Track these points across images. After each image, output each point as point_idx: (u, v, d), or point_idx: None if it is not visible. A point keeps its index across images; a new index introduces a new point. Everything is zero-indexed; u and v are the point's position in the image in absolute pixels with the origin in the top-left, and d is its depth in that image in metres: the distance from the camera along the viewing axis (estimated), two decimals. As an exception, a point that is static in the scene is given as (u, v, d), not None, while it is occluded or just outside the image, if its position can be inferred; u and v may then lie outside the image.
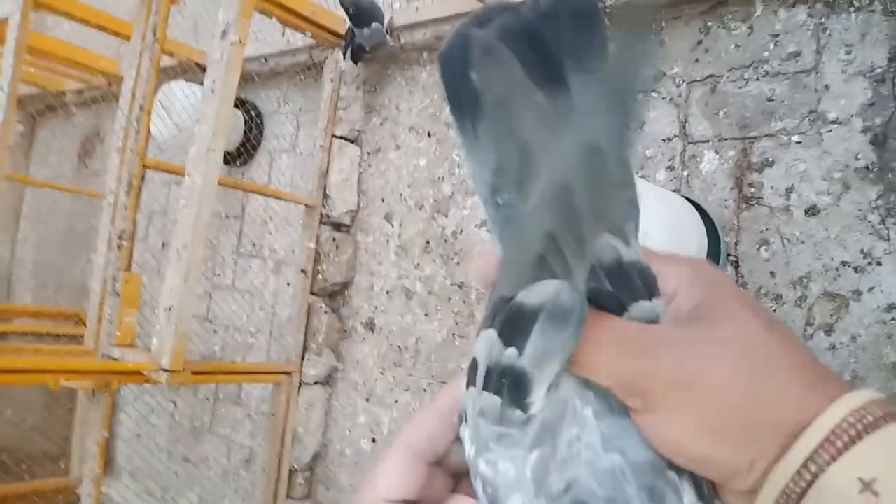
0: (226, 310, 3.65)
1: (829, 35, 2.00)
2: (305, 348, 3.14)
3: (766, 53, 2.11)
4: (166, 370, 2.43)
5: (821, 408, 0.30)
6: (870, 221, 1.94)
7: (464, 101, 0.40)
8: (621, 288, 0.33)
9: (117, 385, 2.61)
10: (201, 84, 3.57)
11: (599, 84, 0.38)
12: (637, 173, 2.31)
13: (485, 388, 0.32)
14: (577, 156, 0.33)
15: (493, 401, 0.32)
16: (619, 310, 0.33)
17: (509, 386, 0.31)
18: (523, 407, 0.31)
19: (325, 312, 3.15)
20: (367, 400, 3.07)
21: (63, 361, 2.52)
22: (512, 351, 0.31)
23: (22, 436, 4.35)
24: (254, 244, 3.66)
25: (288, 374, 3.05)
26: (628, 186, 0.37)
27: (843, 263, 1.97)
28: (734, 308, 0.33)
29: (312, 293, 3.18)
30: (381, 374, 3.04)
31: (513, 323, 0.31)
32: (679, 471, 0.31)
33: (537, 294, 0.31)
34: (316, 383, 3.12)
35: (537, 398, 0.32)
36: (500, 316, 0.32)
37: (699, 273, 0.35)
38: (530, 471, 0.31)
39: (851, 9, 1.96)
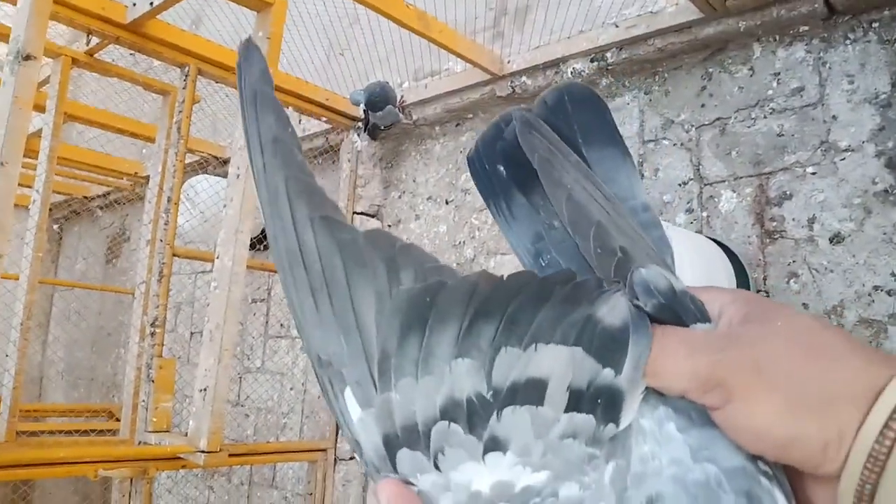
0: (258, 391, 3.64)
1: (830, 68, 2.07)
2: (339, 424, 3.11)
3: (770, 91, 2.18)
4: (204, 452, 2.42)
5: (889, 375, 0.31)
6: (896, 243, 1.95)
7: (497, 189, 0.49)
8: (678, 309, 0.36)
9: (155, 472, 2.59)
10: (221, 176, 3.72)
11: (609, 153, 0.48)
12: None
13: (571, 409, 0.32)
14: (607, 203, 0.43)
15: (587, 421, 0.32)
16: (679, 326, 0.36)
17: (604, 405, 0.32)
18: (617, 422, 0.32)
19: (357, 386, 3.14)
20: (406, 472, 3.01)
21: (102, 450, 2.52)
22: (609, 372, 0.32)
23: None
24: (281, 324, 3.69)
25: (323, 450, 3.01)
26: (657, 226, 0.46)
27: (876, 288, 1.97)
28: (781, 309, 0.36)
29: (343, 368, 3.18)
30: (418, 444, 3.00)
31: (605, 342, 0.33)
32: (770, 478, 0.32)
33: (615, 311, 0.34)
34: (352, 458, 3.07)
35: (630, 413, 0.33)
36: (572, 332, 0.32)
37: (739, 293, 0.39)
38: (609, 480, 0.32)
39: (847, 41, 2.04)
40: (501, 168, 0.48)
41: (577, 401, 0.32)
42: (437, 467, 0.32)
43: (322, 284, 0.36)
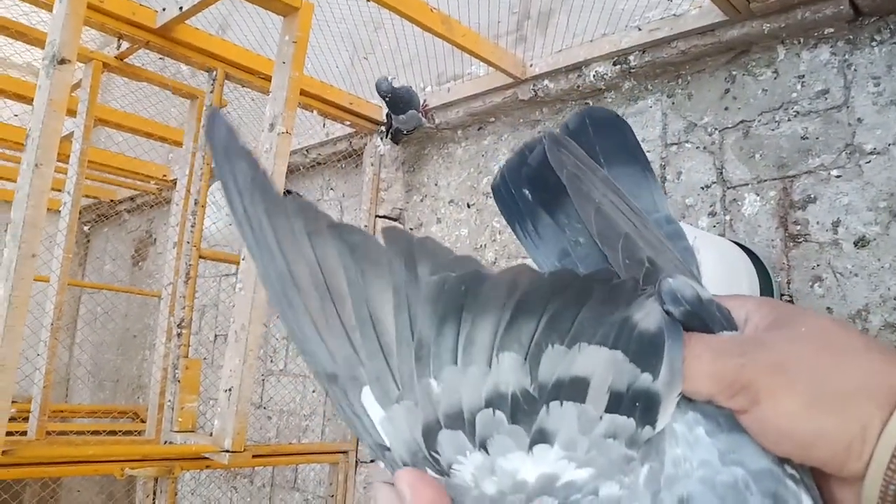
0: (280, 393, 3.68)
1: (855, 70, 2.06)
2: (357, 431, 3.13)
3: (795, 94, 2.17)
4: (229, 451, 2.45)
5: None
6: (923, 247, 1.93)
7: (523, 211, 0.51)
8: (705, 316, 0.37)
9: (180, 471, 2.62)
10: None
11: (631, 170, 0.50)
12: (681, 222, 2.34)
13: (611, 410, 0.33)
14: (634, 215, 0.44)
15: (627, 423, 0.33)
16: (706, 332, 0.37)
17: (642, 409, 0.33)
18: (653, 425, 0.33)
19: (379, 388, 3.16)
20: (426, 475, 3.02)
21: (128, 449, 2.57)
22: (647, 376, 0.33)
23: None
24: (304, 327, 3.73)
25: (345, 452, 3.04)
26: (681, 237, 0.47)
27: (902, 292, 1.95)
28: (805, 314, 0.37)
29: (365, 370, 3.20)
30: (439, 446, 3.01)
31: (642, 347, 0.34)
32: (796, 481, 0.33)
33: (650, 316, 0.35)
34: (373, 461, 3.09)
35: (665, 416, 0.34)
36: (611, 333, 0.33)
37: (764, 300, 0.40)
38: (643, 482, 0.32)
39: (874, 43, 2.03)
40: (527, 191, 0.50)
41: (617, 403, 0.33)
42: (485, 450, 0.33)
43: (325, 293, 0.36)
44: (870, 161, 2.01)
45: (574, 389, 0.33)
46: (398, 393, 0.35)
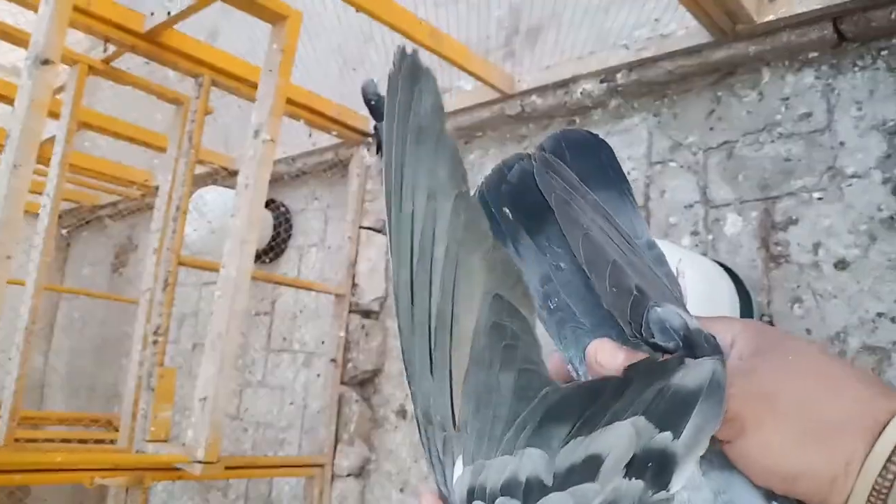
0: (257, 405, 3.63)
1: (839, 94, 2.08)
2: (337, 439, 3.09)
3: (779, 116, 2.19)
4: (201, 462, 2.40)
5: (892, 410, 0.32)
6: (902, 271, 1.94)
7: (504, 230, 0.50)
8: (692, 345, 0.36)
9: (151, 482, 2.57)
10: (231, 188, 3.74)
11: (607, 195, 0.49)
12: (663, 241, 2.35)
13: (624, 476, 0.31)
14: (622, 241, 0.44)
15: (634, 486, 0.31)
16: None
17: (654, 470, 0.31)
18: (666, 487, 0.31)
19: (356, 402, 3.13)
20: (402, 490, 2.99)
21: (98, 457, 2.51)
22: (665, 435, 0.31)
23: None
24: (284, 338, 3.69)
25: (320, 466, 2.99)
26: (663, 263, 0.47)
27: (879, 315, 1.96)
28: (790, 341, 0.37)
29: (343, 383, 3.17)
30: (415, 462, 2.98)
31: (670, 407, 0.32)
32: None
33: (691, 373, 0.33)
34: (349, 475, 3.04)
35: (682, 478, 0.31)
36: (640, 401, 0.32)
37: (749, 324, 0.40)
38: None
39: (856, 68, 2.06)
40: (507, 210, 0.49)
41: (629, 466, 0.31)
42: None
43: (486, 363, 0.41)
44: (851, 184, 2.03)
45: (586, 469, 0.32)
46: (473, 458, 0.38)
